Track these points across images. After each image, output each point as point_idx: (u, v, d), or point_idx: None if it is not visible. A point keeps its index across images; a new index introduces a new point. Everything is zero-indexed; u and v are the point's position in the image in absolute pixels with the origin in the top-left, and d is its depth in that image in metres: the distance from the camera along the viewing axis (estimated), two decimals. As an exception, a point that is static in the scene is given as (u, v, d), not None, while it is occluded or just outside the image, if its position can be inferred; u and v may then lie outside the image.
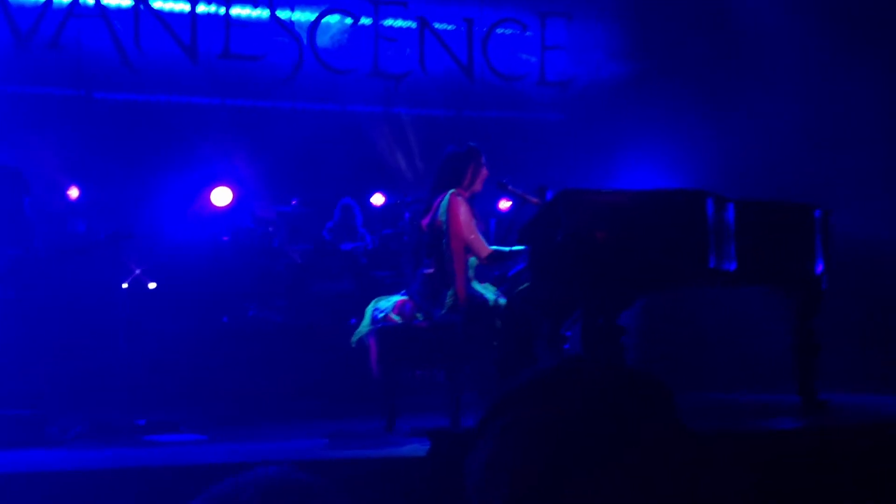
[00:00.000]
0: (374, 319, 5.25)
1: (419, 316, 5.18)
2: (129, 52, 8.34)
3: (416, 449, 4.34)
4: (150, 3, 8.39)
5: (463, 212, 5.10)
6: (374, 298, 5.53)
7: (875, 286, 7.41)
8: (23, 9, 8.15)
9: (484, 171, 5.34)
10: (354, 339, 5.38)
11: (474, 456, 1.06)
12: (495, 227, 7.96)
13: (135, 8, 8.34)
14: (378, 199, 8.46)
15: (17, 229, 5.64)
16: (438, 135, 8.66)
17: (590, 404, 1.03)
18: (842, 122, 8.23)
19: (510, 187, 5.57)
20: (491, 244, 5.48)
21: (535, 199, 5.43)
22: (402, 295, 5.34)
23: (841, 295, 5.64)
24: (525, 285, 5.11)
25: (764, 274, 4.97)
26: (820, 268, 5.01)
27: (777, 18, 8.52)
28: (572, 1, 9.17)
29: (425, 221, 5.23)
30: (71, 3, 8.19)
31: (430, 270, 5.21)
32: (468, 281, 5.15)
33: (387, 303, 5.29)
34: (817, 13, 8.31)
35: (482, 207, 7.84)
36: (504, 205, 8.30)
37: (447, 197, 5.15)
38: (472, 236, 5.15)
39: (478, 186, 5.36)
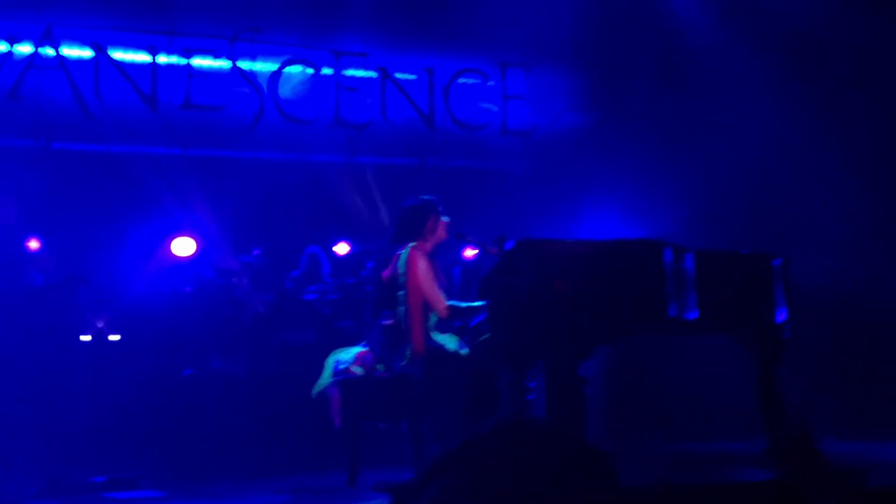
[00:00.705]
0: (336, 371, 5.23)
1: (380, 367, 5.16)
2: (89, 102, 8.32)
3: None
4: (110, 53, 8.38)
5: (422, 266, 5.11)
6: (335, 349, 5.51)
7: (839, 332, 7.50)
8: (-18, 60, 8.12)
9: (443, 221, 5.37)
10: (315, 390, 5.35)
11: None
12: (460, 275, 7.98)
13: (95, 59, 8.33)
14: (342, 248, 8.45)
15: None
16: (401, 183, 8.71)
17: (524, 472, 1.02)
18: (800, 165, 8.37)
19: (468, 237, 5.60)
20: (455, 294, 5.50)
21: (494, 249, 5.45)
22: (363, 346, 5.32)
23: (806, 343, 5.71)
24: (486, 336, 5.12)
25: (725, 322, 5.01)
26: (782, 316, 5.06)
27: (732, 62, 8.70)
28: (531, 51, 9.29)
29: (386, 273, 5.24)
30: (31, 55, 8.17)
31: (389, 322, 5.21)
32: (428, 332, 5.14)
33: (347, 354, 5.27)
34: (773, 55, 8.50)
35: (446, 257, 7.89)
36: (469, 253, 8.33)
37: (406, 251, 5.17)
38: (431, 291, 5.15)
39: (441, 235, 5.38)
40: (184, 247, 7.97)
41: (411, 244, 5.16)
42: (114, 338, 7.32)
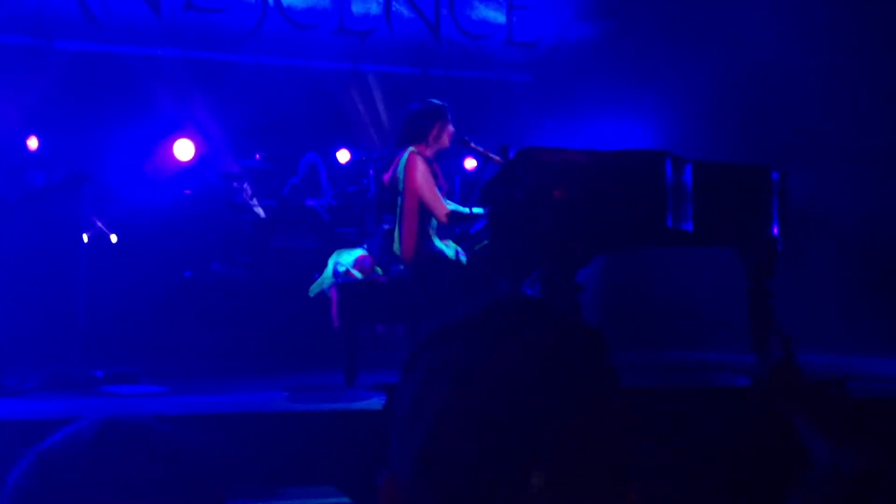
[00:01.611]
0: (336, 273, 5.27)
1: (378, 270, 5.20)
2: (91, 2, 8.21)
3: (374, 403, 4.39)
4: (113, -48, 8.25)
5: (421, 170, 5.11)
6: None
7: (828, 249, 7.53)
8: (-18, -44, 7.99)
9: (450, 128, 5.35)
10: (314, 290, 5.40)
11: (401, 391, 1.05)
12: (460, 184, 7.98)
13: (97, -43, 8.21)
14: (343, 156, 8.44)
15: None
16: (404, 92, 8.64)
17: (522, 347, 1.01)
18: (813, 76, 8.24)
19: (472, 144, 5.59)
20: (455, 202, 5.50)
21: (497, 158, 5.45)
22: (363, 249, 5.36)
23: (796, 257, 5.74)
24: (485, 243, 5.15)
25: (721, 235, 5.03)
26: (776, 230, 5.09)
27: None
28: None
29: (386, 177, 5.24)
30: (33, -48, 8.04)
31: (389, 226, 5.24)
32: (428, 236, 5.17)
33: (348, 257, 5.31)
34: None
35: (447, 165, 7.87)
36: (470, 163, 8.33)
37: (406, 154, 5.16)
38: (430, 195, 5.15)
39: (445, 142, 5.36)
40: (185, 150, 7.96)
41: (411, 147, 5.16)
42: (113, 238, 7.36)
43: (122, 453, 1.11)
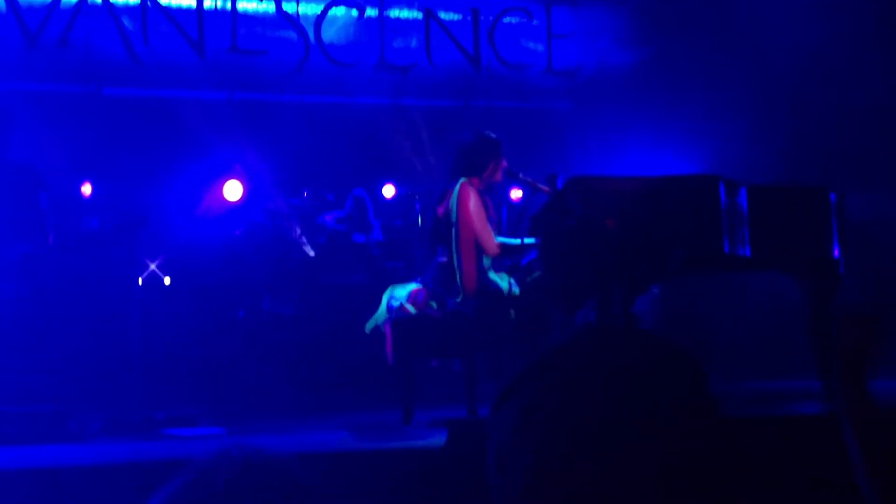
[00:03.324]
0: (390, 308, 5.27)
1: (433, 304, 5.20)
2: (137, 47, 8.37)
3: (434, 440, 4.37)
4: (157, -1, 8.42)
5: (473, 202, 5.12)
6: (387, 288, 5.56)
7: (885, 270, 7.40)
8: (31, 8, 8.18)
9: (503, 162, 5.37)
10: (369, 326, 5.40)
11: (494, 438, 1.04)
12: (507, 215, 7.98)
13: (142, 4, 8.37)
14: (389, 191, 8.49)
15: (34, 225, 5.68)
16: (447, 125, 8.69)
17: (612, 380, 1.00)
18: (846, 103, 8.19)
19: (520, 175, 5.59)
20: (503, 233, 5.50)
21: (545, 188, 5.45)
22: (417, 283, 5.36)
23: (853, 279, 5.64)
24: (537, 274, 5.13)
25: (780, 258, 4.96)
26: (837, 252, 5.01)
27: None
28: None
29: (441, 210, 5.25)
30: (79, 2, 8.22)
31: (444, 259, 5.23)
32: (484, 270, 5.17)
33: (402, 291, 5.31)
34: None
35: (492, 196, 7.89)
36: (515, 194, 8.32)
37: (458, 186, 5.17)
38: (481, 227, 5.16)
39: (498, 177, 5.38)
40: (233, 190, 8.05)
41: (462, 179, 5.17)
42: (166, 280, 7.45)
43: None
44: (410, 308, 5.23)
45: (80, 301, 6.76)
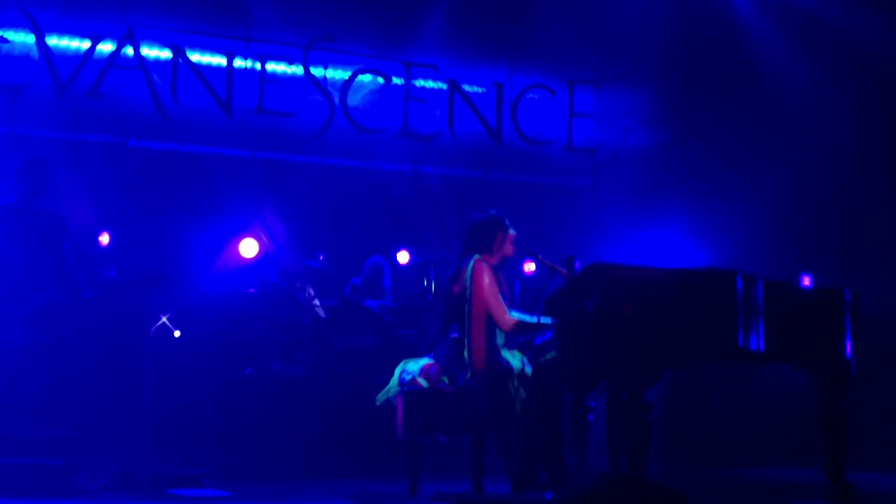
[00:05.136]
0: (402, 381, 5.30)
1: (445, 379, 5.22)
2: (165, 102, 8.52)
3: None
4: (188, 55, 8.58)
5: (487, 279, 5.17)
6: (398, 356, 5.58)
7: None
8: (64, 57, 8.34)
9: (511, 235, 5.42)
10: (381, 398, 5.42)
11: None
12: (520, 290, 8.02)
13: (173, 60, 8.53)
14: (403, 257, 8.55)
15: (58, 273, 5.74)
16: (466, 196, 8.80)
17: None
18: (867, 193, 8.27)
19: (540, 257, 5.64)
20: (516, 308, 5.53)
21: (563, 270, 5.50)
22: (430, 358, 5.39)
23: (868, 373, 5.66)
24: (551, 355, 5.15)
25: (793, 354, 4.98)
26: (849, 350, 5.04)
27: (803, 81, 8.62)
28: (600, 68, 9.32)
29: (457, 288, 5.30)
30: (111, 54, 8.39)
31: (457, 335, 5.26)
32: (496, 348, 5.19)
33: (415, 365, 5.34)
34: (845, 75, 8.42)
35: (506, 270, 7.94)
36: (528, 267, 8.38)
37: (472, 263, 5.23)
38: (496, 304, 5.20)
39: (509, 250, 5.44)
40: (250, 248, 8.11)
41: (476, 256, 5.23)
42: (176, 333, 7.48)
43: None
44: (423, 382, 5.25)
45: (92, 351, 6.78)
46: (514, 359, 5.26)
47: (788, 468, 6.52)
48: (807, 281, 7.54)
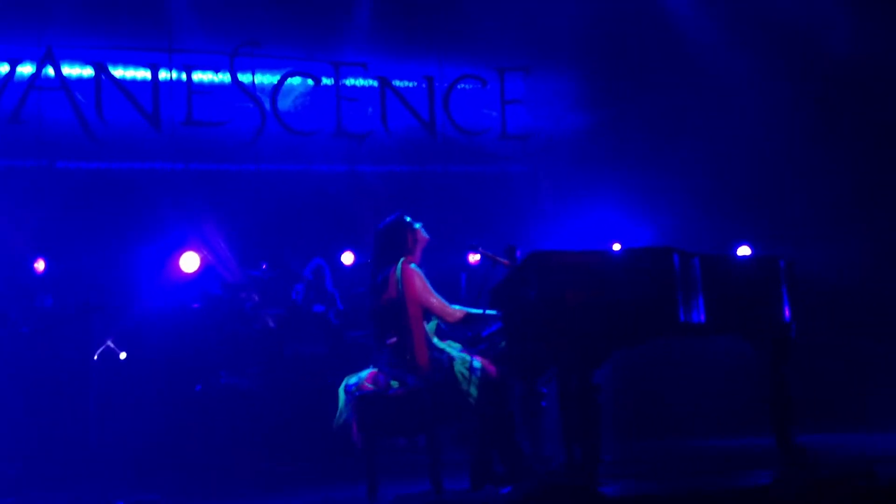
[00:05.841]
0: (348, 390, 5.24)
1: (394, 384, 5.17)
2: (90, 121, 8.36)
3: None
4: (111, 71, 8.42)
5: (418, 280, 5.15)
6: (350, 359, 5.54)
7: (839, 326, 7.56)
8: (-18, 83, 8.14)
9: (418, 229, 5.40)
10: (338, 421, 5.33)
11: None
12: (466, 281, 8.02)
13: (96, 77, 8.37)
14: (348, 258, 8.50)
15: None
16: (404, 190, 8.77)
17: None
18: (798, 161, 8.43)
19: (481, 249, 5.64)
20: (462, 300, 5.52)
21: (505, 261, 5.50)
22: (371, 368, 5.32)
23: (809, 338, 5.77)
24: (502, 345, 5.16)
25: (733, 324, 5.05)
26: (788, 316, 5.12)
27: (731, 60, 8.74)
28: (529, 56, 9.33)
29: (386, 296, 5.24)
30: (31, 76, 8.21)
31: (394, 339, 5.22)
32: (433, 345, 5.17)
33: (356, 378, 5.27)
34: (772, 53, 8.55)
35: (452, 262, 7.93)
36: (474, 258, 8.37)
37: (399, 266, 5.19)
38: (436, 302, 5.17)
39: (423, 241, 5.40)
40: (190, 262, 8.00)
41: (402, 259, 5.20)
42: (122, 355, 7.36)
43: None
44: (370, 386, 5.20)
45: (34, 381, 6.66)
46: (450, 348, 5.23)
47: (742, 437, 6.61)
48: (746, 250, 7.66)
